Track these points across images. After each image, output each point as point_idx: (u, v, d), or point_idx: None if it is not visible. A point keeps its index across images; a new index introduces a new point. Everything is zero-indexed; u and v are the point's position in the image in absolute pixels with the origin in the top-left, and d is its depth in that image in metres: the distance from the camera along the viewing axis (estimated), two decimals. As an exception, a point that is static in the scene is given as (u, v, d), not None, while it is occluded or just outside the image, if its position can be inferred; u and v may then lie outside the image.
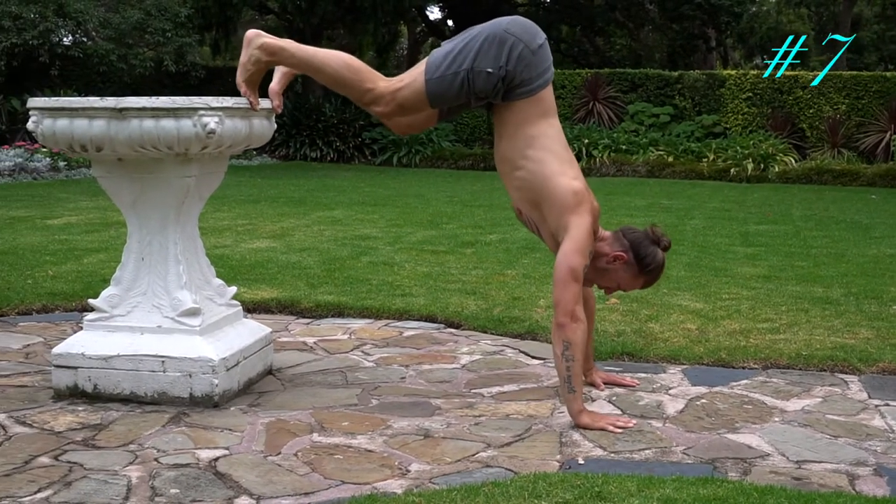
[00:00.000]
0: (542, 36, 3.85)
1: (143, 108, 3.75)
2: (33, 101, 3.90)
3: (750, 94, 20.76)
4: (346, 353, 4.85)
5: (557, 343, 3.66)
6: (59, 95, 17.61)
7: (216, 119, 3.79)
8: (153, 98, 3.79)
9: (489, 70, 3.72)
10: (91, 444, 3.47)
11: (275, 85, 4.04)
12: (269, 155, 21.41)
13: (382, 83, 3.82)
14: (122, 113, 3.75)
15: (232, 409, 3.90)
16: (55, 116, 3.85)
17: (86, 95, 18.26)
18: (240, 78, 3.84)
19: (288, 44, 3.87)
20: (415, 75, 3.83)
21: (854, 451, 3.47)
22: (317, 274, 6.73)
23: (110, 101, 3.78)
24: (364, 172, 18.53)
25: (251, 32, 3.84)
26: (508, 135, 3.87)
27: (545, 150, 3.80)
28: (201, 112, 3.77)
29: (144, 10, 20.11)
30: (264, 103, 4.01)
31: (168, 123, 3.75)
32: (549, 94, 3.87)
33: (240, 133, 3.98)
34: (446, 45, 3.89)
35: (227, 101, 3.86)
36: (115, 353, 3.97)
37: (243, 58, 3.82)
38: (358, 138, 21.59)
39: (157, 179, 3.99)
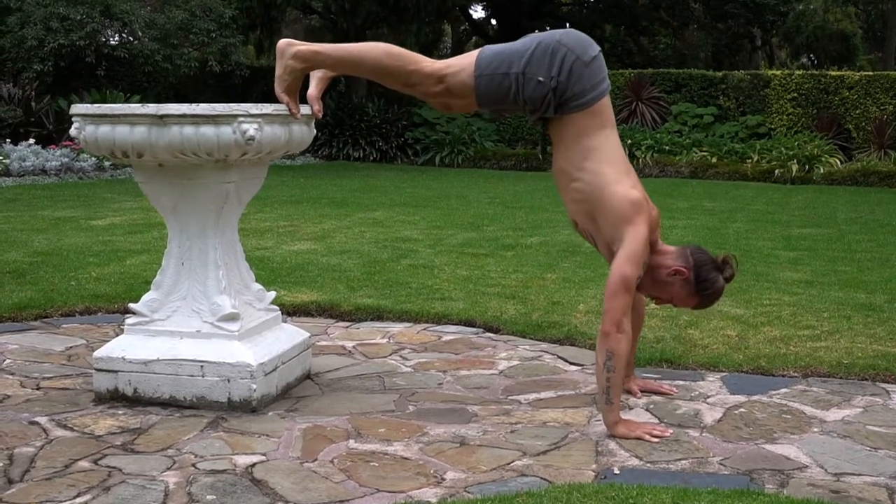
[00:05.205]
0: (595, 48, 3.81)
1: (184, 115, 3.77)
2: (76, 108, 3.96)
3: (795, 95, 20.56)
4: (385, 357, 4.87)
5: (601, 352, 3.65)
6: (106, 95, 17.86)
7: (255, 126, 3.81)
8: (193, 105, 3.81)
9: (540, 79, 3.70)
10: (130, 449, 3.50)
11: (313, 90, 4.05)
12: (313, 155, 21.51)
13: (426, 63, 3.80)
14: (162, 120, 3.78)
15: (270, 414, 3.92)
16: (97, 123, 3.89)
17: (131, 95, 18.51)
18: (278, 89, 3.85)
19: (321, 46, 3.88)
20: (464, 65, 3.79)
21: (894, 464, 3.43)
22: (357, 277, 6.75)
23: (151, 108, 3.81)
24: (406, 173, 18.56)
25: (283, 42, 3.84)
26: (565, 147, 3.84)
27: (602, 162, 3.77)
28: (241, 119, 3.79)
29: (189, 11, 20.27)
30: (304, 109, 4.02)
31: (208, 130, 3.78)
32: (605, 106, 3.82)
33: (279, 139, 4.00)
34: (499, 46, 3.87)
35: (267, 108, 3.88)
36: (155, 358, 4.01)
37: (279, 69, 3.82)
38: (401, 138, 21.64)
39: (196, 185, 4.02)
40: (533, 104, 3.75)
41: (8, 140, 16.39)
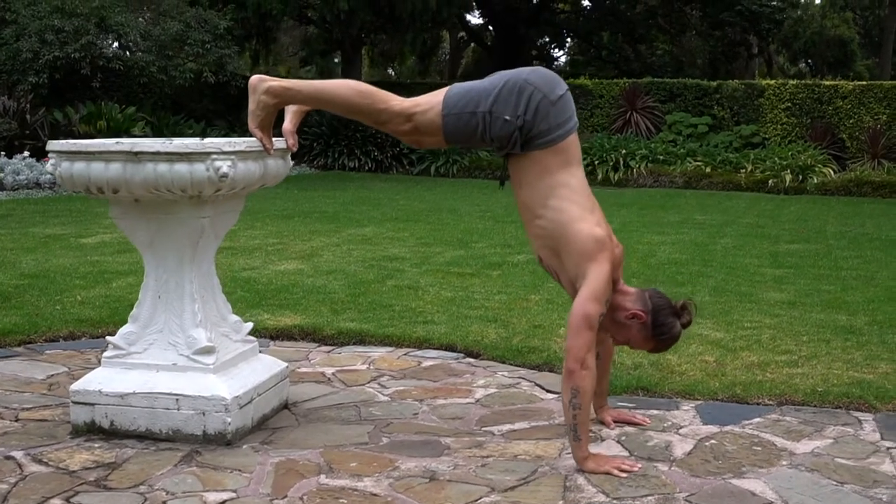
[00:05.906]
0: (562, 87, 3.84)
1: (158, 153, 3.81)
2: (51, 145, 3.99)
3: (789, 104, 20.63)
4: (363, 385, 4.90)
5: (566, 390, 3.67)
6: (101, 107, 17.88)
7: (229, 163, 3.84)
8: (167, 142, 3.86)
9: (507, 118, 3.74)
10: (103, 485, 3.53)
11: (288, 124, 4.10)
12: (308, 165, 21.55)
13: (395, 102, 3.85)
14: (137, 156, 3.81)
15: (244, 447, 3.95)
16: (72, 160, 3.92)
17: (127, 106, 18.51)
18: (252, 125, 3.90)
19: (292, 83, 3.94)
20: (432, 103, 3.84)
21: (858, 500, 3.47)
22: (341, 299, 6.78)
23: (126, 145, 3.85)
24: (400, 183, 18.60)
25: (255, 78, 3.90)
26: (528, 183, 3.87)
27: (565, 200, 3.80)
28: (214, 156, 3.82)
29: (184, 22, 20.32)
30: (279, 143, 4.07)
31: (181, 167, 3.81)
32: (572, 143, 3.85)
33: (253, 175, 4.04)
34: (466, 84, 3.93)
35: (240, 145, 3.91)
36: (132, 391, 4.05)
37: (251, 105, 3.88)
38: (396, 148, 21.66)
39: (172, 220, 4.05)
40: (500, 142, 3.80)
41: (2, 153, 16.42)
